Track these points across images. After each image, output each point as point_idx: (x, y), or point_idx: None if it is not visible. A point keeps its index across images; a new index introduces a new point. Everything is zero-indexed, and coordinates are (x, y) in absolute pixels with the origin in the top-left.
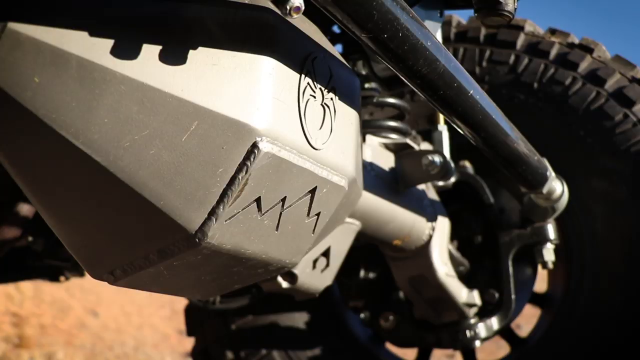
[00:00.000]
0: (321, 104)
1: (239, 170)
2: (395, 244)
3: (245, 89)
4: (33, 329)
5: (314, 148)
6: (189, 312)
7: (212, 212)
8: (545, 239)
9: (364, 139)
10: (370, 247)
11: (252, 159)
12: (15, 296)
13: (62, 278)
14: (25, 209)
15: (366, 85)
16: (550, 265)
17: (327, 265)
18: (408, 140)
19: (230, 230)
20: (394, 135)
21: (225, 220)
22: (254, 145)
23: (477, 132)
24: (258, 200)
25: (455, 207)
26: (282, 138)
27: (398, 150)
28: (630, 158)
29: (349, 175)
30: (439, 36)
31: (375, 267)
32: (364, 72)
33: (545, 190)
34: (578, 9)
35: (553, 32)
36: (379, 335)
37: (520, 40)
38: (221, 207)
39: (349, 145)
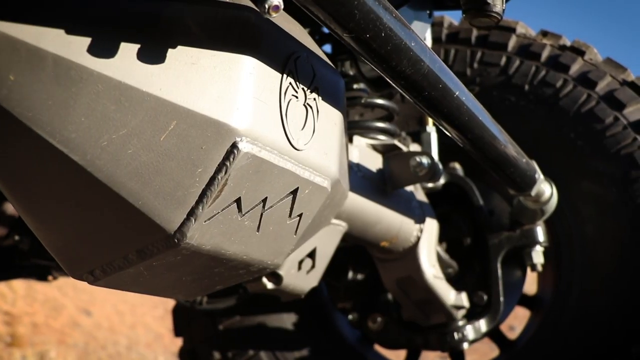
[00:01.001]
0: (304, 104)
1: (218, 170)
2: (383, 246)
3: (225, 89)
4: (25, 328)
5: (295, 149)
6: (177, 312)
7: (191, 213)
8: (534, 242)
9: (351, 140)
10: (358, 247)
11: (231, 159)
12: (7, 295)
13: (50, 277)
14: (11, 208)
15: (355, 86)
16: (539, 268)
17: (313, 266)
18: (396, 142)
19: (209, 230)
20: (382, 137)
21: (205, 221)
22: (234, 146)
23: (464, 133)
24: (238, 201)
25: (444, 209)
26: (262, 138)
27: (386, 151)
28: (620, 161)
29: (332, 176)
30: (428, 37)
31: (363, 268)
32: (351, 73)
33: (533, 192)
34: (572, 9)
35: (545, 34)
36: (367, 336)
37: (512, 42)
38: (200, 208)
39: (332, 146)
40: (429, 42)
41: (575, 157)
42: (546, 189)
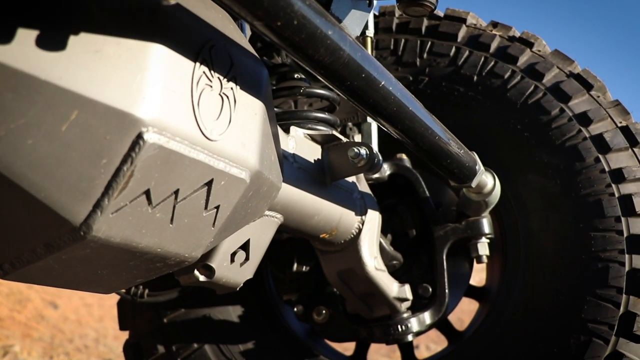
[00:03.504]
0: (219, 94)
1: (123, 161)
2: (323, 238)
3: (130, 78)
4: None
5: (208, 139)
6: (121, 305)
7: (97, 205)
8: (479, 233)
9: (288, 131)
10: (304, 239)
11: (137, 150)
12: None
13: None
14: None
15: (296, 76)
16: (485, 260)
17: (247, 258)
18: (334, 132)
19: (118, 223)
20: (321, 127)
21: (112, 213)
22: (139, 136)
23: (393, 124)
24: (147, 193)
25: (391, 201)
26: (171, 128)
27: (325, 142)
28: (565, 153)
29: (250, 167)
30: (370, 25)
31: (309, 260)
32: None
33: (474, 184)
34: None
35: (495, 25)
36: (314, 329)
37: (462, 33)
38: (106, 200)
39: (251, 137)
40: (371, 31)
41: (521, 149)
42: (488, 181)
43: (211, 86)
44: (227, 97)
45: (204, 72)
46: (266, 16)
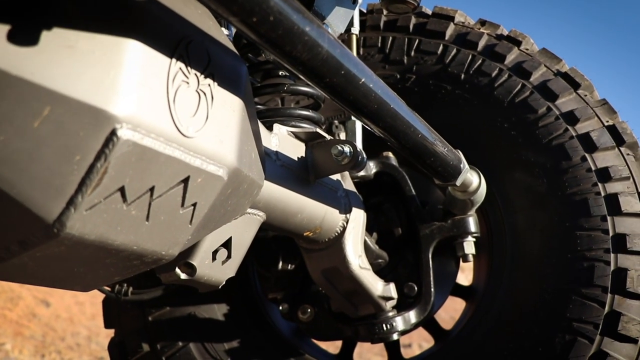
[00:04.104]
0: (196, 90)
1: (97, 158)
2: (307, 236)
3: (104, 74)
4: None
5: (184, 136)
6: (107, 303)
7: (71, 202)
8: (465, 232)
9: (271, 128)
10: (290, 237)
11: (110, 147)
12: None
13: None
14: None
15: (280, 73)
16: (471, 258)
17: (229, 256)
18: (318, 129)
19: (92, 220)
20: (305, 125)
21: (86, 210)
22: (113, 133)
23: (375, 122)
24: (122, 190)
25: (377, 199)
26: (145, 125)
27: (309, 139)
28: (551, 151)
29: (228, 164)
30: (356, 23)
31: (294, 258)
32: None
33: (459, 182)
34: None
35: (483, 23)
36: (299, 327)
37: (450, 31)
38: (80, 197)
39: (229, 134)
40: (356, 28)
41: (508, 147)
42: (473, 179)
43: (188, 83)
44: (204, 93)
45: (180, 69)
46: (241, 12)
